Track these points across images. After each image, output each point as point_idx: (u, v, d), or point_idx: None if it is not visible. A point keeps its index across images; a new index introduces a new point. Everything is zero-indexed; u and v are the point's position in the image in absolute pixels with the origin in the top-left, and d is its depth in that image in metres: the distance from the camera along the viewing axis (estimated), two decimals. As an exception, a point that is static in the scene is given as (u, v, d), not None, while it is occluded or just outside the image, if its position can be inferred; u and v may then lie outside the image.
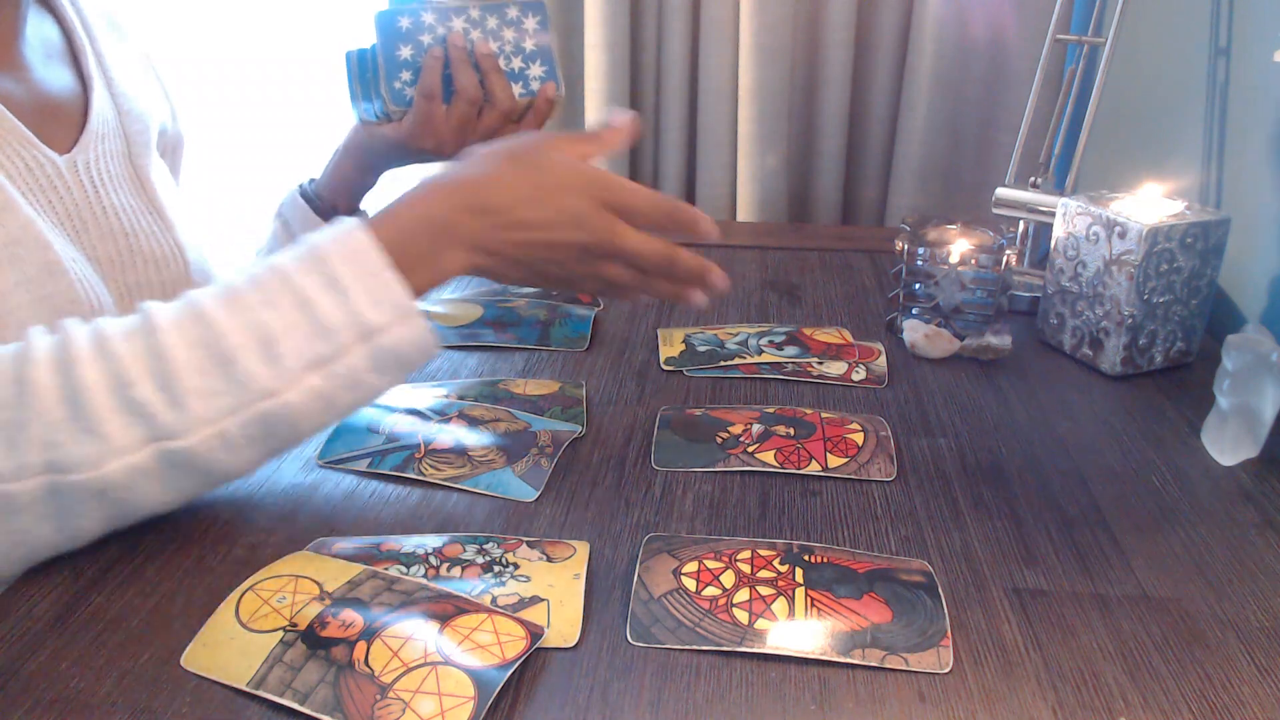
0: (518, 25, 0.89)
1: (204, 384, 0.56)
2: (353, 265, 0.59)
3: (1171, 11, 1.09)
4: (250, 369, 0.56)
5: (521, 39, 0.89)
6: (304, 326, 0.57)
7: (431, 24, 0.87)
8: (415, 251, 0.61)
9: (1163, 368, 0.85)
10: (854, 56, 1.35)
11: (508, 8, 0.89)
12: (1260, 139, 0.91)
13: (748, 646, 0.52)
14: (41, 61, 0.77)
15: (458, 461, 0.69)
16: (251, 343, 0.57)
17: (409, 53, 0.87)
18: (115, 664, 0.51)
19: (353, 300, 0.58)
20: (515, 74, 0.89)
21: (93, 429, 0.54)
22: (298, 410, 0.58)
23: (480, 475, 0.67)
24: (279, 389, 0.57)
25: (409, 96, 0.88)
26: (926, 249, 0.89)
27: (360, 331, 0.58)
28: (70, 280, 0.70)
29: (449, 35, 0.87)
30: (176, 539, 0.61)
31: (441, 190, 0.64)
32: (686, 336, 0.90)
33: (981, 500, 0.67)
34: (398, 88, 0.88)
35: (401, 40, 0.87)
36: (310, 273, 0.59)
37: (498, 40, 0.88)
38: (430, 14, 0.87)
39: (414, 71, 0.87)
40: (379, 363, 0.59)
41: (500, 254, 0.64)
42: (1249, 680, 0.51)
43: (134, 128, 0.82)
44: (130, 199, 0.80)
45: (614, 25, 1.32)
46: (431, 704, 0.47)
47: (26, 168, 0.71)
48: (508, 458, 0.69)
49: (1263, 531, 0.64)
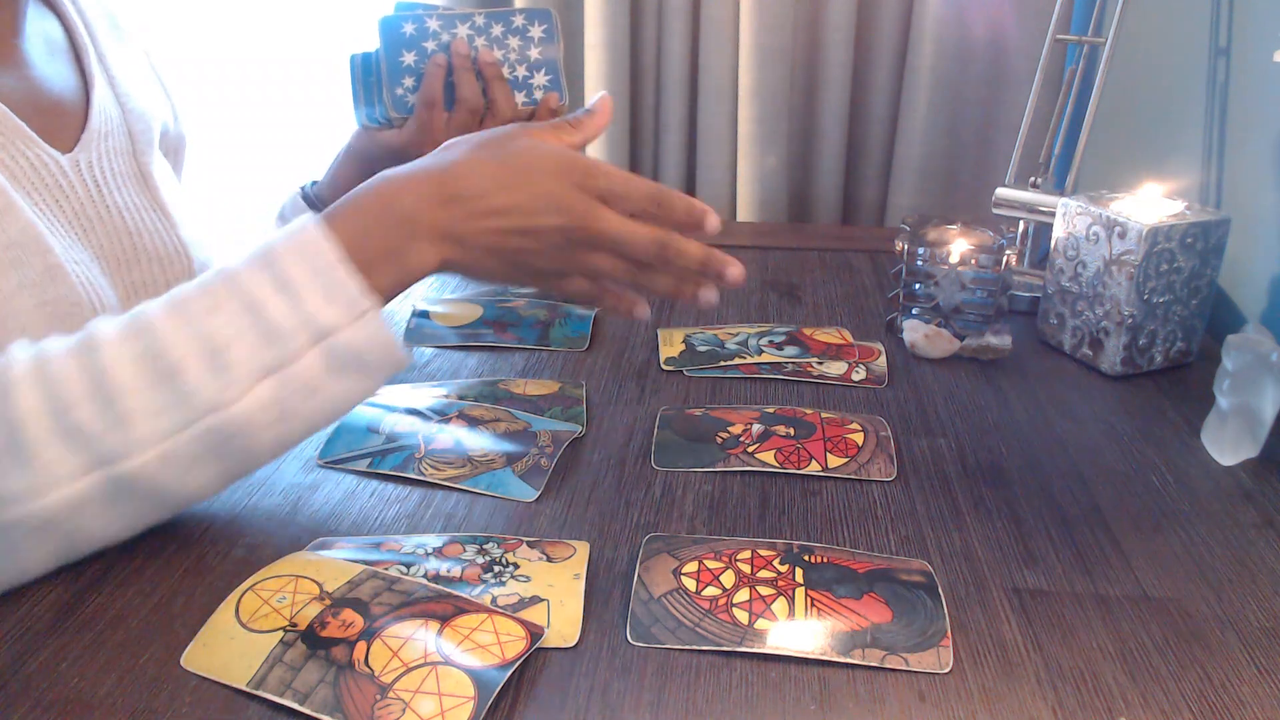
0: (523, 34, 0.88)
1: (148, 401, 0.52)
2: (304, 263, 0.55)
3: (1171, 11, 1.09)
4: (196, 381, 0.53)
5: (527, 47, 0.88)
6: (253, 331, 0.54)
7: (436, 30, 0.87)
8: (378, 246, 0.57)
9: (1163, 368, 0.85)
10: (854, 56, 1.35)
11: (514, 15, 0.88)
12: (1260, 139, 0.91)
13: (748, 646, 0.52)
14: (44, 59, 0.77)
15: (458, 462, 0.69)
16: (197, 353, 0.53)
17: (412, 59, 0.87)
18: (115, 664, 0.51)
19: (304, 300, 0.55)
20: (519, 82, 0.89)
21: (29, 459, 0.51)
22: (251, 422, 0.54)
23: (480, 475, 0.67)
24: (228, 400, 0.53)
25: (411, 103, 0.87)
26: (926, 249, 0.89)
27: (313, 333, 0.55)
28: (72, 283, 0.70)
29: (453, 42, 0.86)
30: (176, 539, 0.61)
31: (406, 181, 0.60)
32: (686, 336, 0.90)
33: (981, 500, 0.67)
34: (399, 94, 0.87)
35: (405, 46, 0.86)
36: (259, 274, 0.55)
37: (502, 48, 0.88)
38: (435, 20, 0.87)
39: (416, 78, 0.87)
40: (336, 365, 0.56)
41: (473, 245, 0.60)
42: (1249, 680, 0.51)
43: (137, 126, 0.82)
44: (134, 197, 0.80)
45: (614, 25, 1.32)
46: (431, 704, 0.47)
47: (31, 166, 0.71)
48: (508, 458, 0.69)
49: (1263, 531, 0.64)
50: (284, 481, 0.67)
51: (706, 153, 1.39)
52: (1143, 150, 1.17)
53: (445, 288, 1.02)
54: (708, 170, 1.40)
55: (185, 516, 0.63)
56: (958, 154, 1.37)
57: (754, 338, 0.89)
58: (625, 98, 1.37)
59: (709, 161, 1.39)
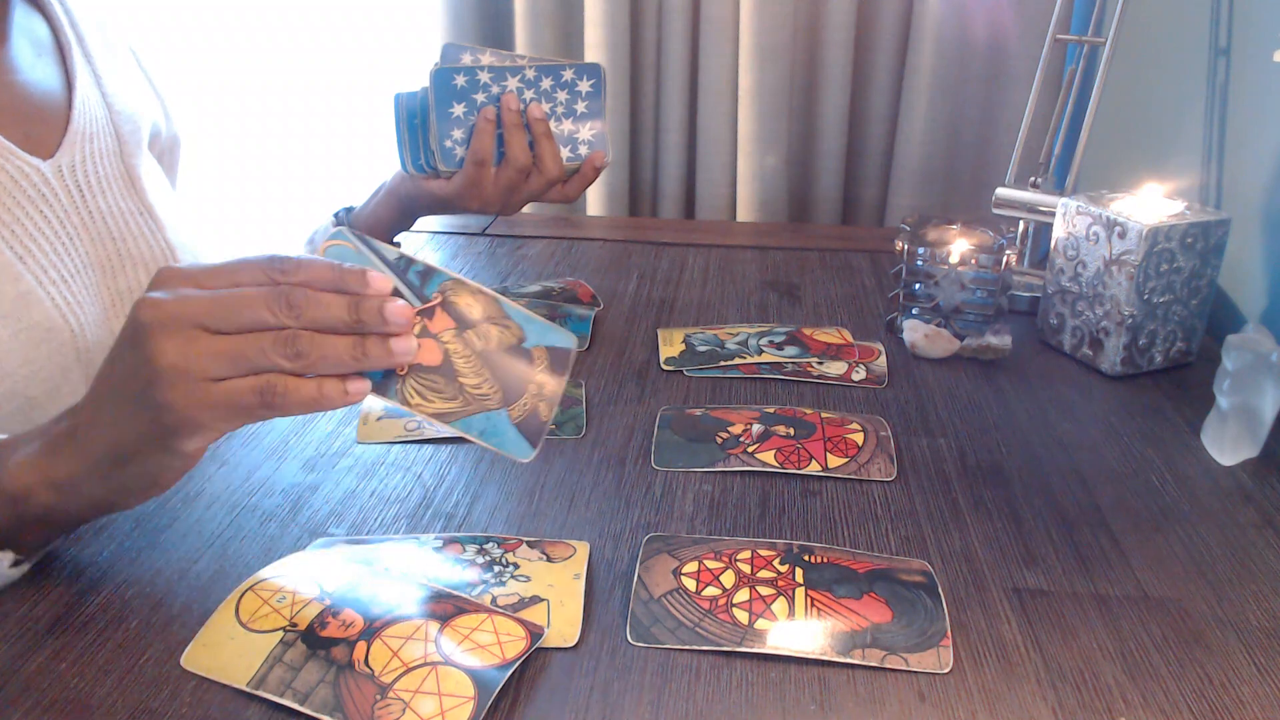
0: (571, 88, 0.88)
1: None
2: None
3: (1171, 11, 1.09)
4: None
5: (574, 102, 0.88)
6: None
7: (486, 83, 0.86)
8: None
9: (1163, 368, 0.85)
10: (854, 56, 1.35)
11: (564, 70, 0.87)
12: (1260, 139, 0.91)
13: (748, 646, 0.52)
14: (30, 61, 0.76)
15: (448, 390, 0.56)
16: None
17: (461, 110, 0.86)
18: (115, 664, 0.51)
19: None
20: (564, 138, 0.89)
21: None
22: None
23: (474, 417, 0.57)
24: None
25: (459, 157, 0.87)
26: (926, 249, 0.89)
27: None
28: (46, 309, 0.69)
29: (503, 96, 0.86)
30: (176, 539, 0.61)
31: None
32: (686, 336, 0.90)
33: (981, 500, 0.67)
34: (448, 146, 0.87)
35: (455, 98, 0.86)
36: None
37: (550, 101, 0.87)
38: (485, 72, 0.86)
39: (466, 130, 0.87)
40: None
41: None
42: (1249, 680, 0.51)
43: (125, 127, 0.81)
44: (121, 201, 0.79)
45: (614, 25, 1.32)
46: (431, 704, 0.47)
47: (12, 180, 0.70)
48: (504, 395, 0.58)
49: (1263, 531, 0.64)
50: (284, 481, 0.67)
51: (706, 153, 1.39)
52: (1143, 150, 1.17)
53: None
54: (708, 170, 1.40)
55: (185, 517, 0.63)
56: (958, 154, 1.37)
57: (754, 338, 0.89)
58: (625, 98, 1.37)
59: (709, 161, 1.39)
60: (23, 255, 0.69)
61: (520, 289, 1.00)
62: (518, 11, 1.35)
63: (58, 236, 0.73)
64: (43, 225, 0.72)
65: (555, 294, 0.99)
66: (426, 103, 0.87)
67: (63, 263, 0.72)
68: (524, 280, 1.05)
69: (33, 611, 0.54)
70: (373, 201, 0.97)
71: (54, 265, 0.71)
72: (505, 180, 0.87)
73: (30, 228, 0.71)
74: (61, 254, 0.72)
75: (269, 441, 0.72)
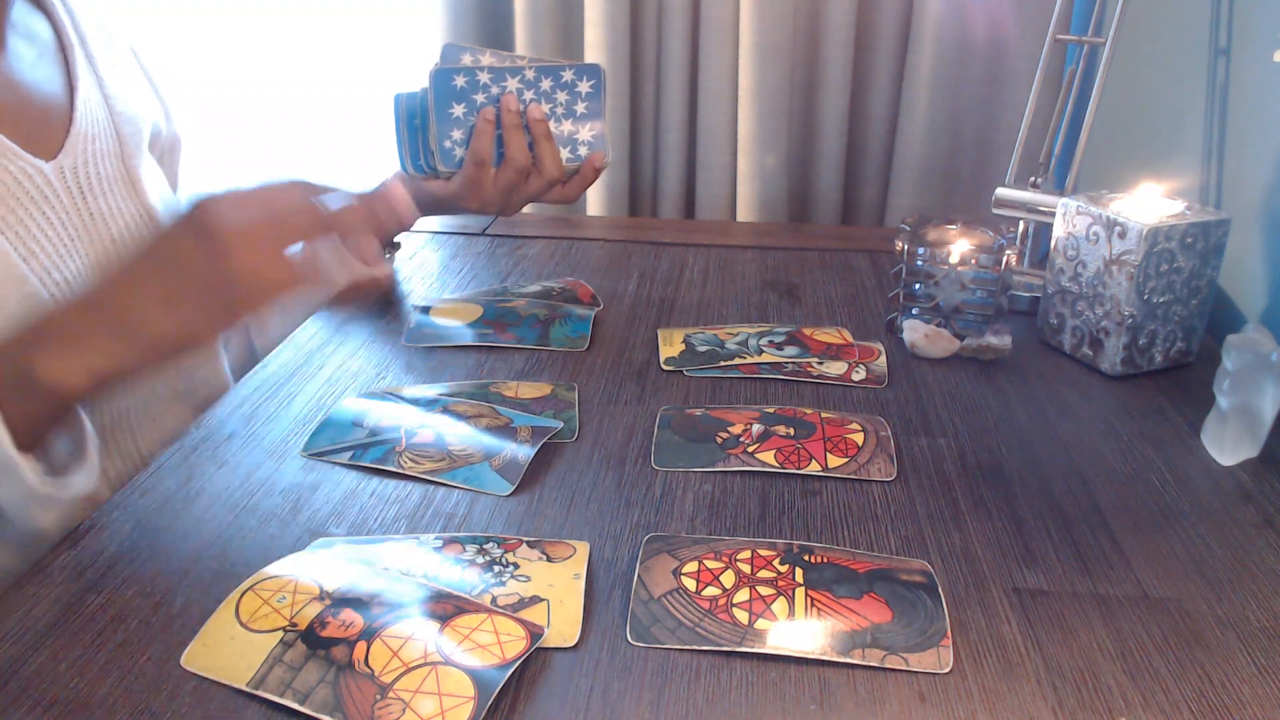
0: (571, 89, 0.88)
1: None
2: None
3: (1171, 11, 1.09)
4: None
5: (574, 103, 0.88)
6: None
7: (486, 83, 0.86)
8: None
9: (1163, 368, 0.85)
10: (854, 56, 1.35)
11: (563, 70, 0.87)
12: (1260, 139, 0.91)
13: (748, 646, 0.52)
14: (32, 62, 0.75)
15: (437, 456, 0.69)
16: None
17: (461, 111, 0.86)
18: (115, 664, 0.51)
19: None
20: (564, 139, 0.89)
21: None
22: None
23: (458, 470, 0.68)
24: None
25: (459, 157, 0.87)
26: (926, 249, 0.89)
27: None
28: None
29: (503, 96, 0.86)
30: (176, 539, 0.61)
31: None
32: (686, 336, 0.90)
33: (981, 500, 0.67)
34: (448, 147, 0.87)
35: (455, 99, 0.86)
36: None
37: (550, 102, 0.87)
38: (485, 73, 0.86)
39: (465, 131, 0.87)
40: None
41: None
42: (1249, 680, 0.51)
43: (126, 128, 0.81)
44: (121, 202, 0.79)
45: (614, 25, 1.32)
46: (431, 704, 0.47)
47: (15, 181, 0.70)
48: (485, 453, 0.69)
49: (1263, 531, 0.64)
50: (284, 481, 0.67)
51: (706, 153, 1.39)
52: (1143, 150, 1.17)
53: (445, 288, 1.02)
54: (708, 170, 1.40)
55: (184, 517, 0.63)
56: (958, 154, 1.37)
57: (754, 338, 0.89)
58: (625, 98, 1.37)
59: (709, 161, 1.39)
60: (26, 257, 0.69)
61: (520, 289, 1.00)
62: (518, 11, 1.35)
63: (60, 238, 0.73)
64: (45, 227, 0.71)
65: (555, 294, 0.99)
66: (426, 103, 0.87)
67: (65, 265, 0.72)
68: (524, 280, 1.05)
69: (33, 612, 0.54)
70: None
71: (57, 267, 0.71)
72: (505, 181, 0.88)
73: (34, 229, 0.70)
74: (65, 255, 0.72)
75: (269, 441, 0.72)
